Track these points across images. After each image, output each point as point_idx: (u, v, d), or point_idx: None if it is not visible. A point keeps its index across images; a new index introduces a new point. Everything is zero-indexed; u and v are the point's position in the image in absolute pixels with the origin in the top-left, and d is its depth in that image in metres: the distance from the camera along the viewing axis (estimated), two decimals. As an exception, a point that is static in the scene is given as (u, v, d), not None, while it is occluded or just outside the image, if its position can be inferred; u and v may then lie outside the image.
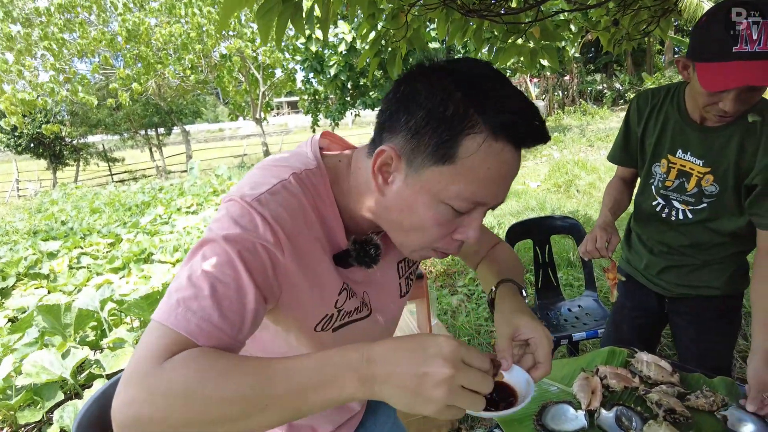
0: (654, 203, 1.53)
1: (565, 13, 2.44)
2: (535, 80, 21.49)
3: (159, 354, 0.57)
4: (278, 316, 0.77)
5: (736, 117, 1.27)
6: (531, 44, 2.47)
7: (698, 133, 1.38)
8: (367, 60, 2.37)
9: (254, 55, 15.61)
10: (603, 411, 1.19)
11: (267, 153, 18.37)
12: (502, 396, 0.73)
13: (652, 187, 1.53)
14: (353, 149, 0.83)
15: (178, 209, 8.08)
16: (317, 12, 1.52)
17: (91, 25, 14.75)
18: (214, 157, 22.17)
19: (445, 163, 0.65)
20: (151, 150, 23.68)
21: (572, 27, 2.65)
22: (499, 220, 5.67)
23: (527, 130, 0.65)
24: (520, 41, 2.45)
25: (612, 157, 1.66)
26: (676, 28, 18.84)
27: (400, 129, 0.67)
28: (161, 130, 23.80)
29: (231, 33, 15.01)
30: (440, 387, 0.53)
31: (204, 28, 14.16)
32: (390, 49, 2.36)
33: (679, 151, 1.42)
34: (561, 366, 1.41)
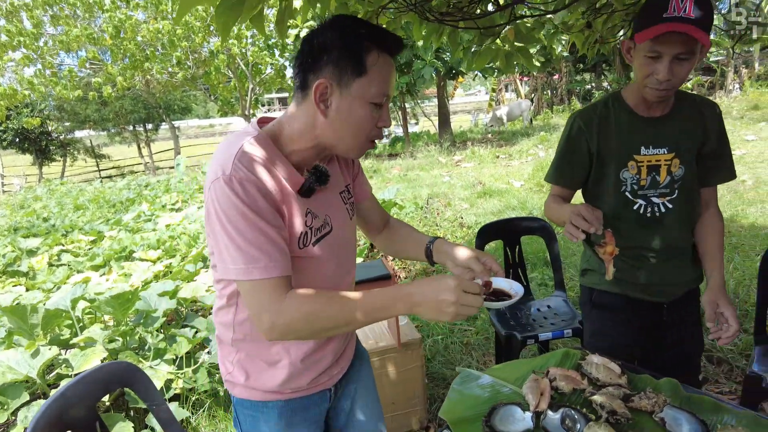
0: (635, 207, 1.54)
1: (538, 17, 2.45)
2: (525, 79, 21.56)
3: (271, 297, 0.96)
4: None
5: (670, 91, 1.37)
6: (506, 47, 2.49)
7: (653, 125, 1.48)
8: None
9: (242, 51, 15.51)
10: (550, 413, 1.21)
11: (256, 150, 18.22)
12: (499, 295, 1.17)
13: (627, 193, 1.53)
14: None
15: (163, 206, 8.03)
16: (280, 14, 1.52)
17: (78, 19, 14.59)
18: (204, 153, 22.03)
19: (362, 75, 0.97)
20: (139, 146, 23.48)
21: (543, 32, 2.67)
22: (478, 219, 5.71)
23: (395, 43, 1.01)
24: (497, 43, 2.47)
25: (555, 179, 1.63)
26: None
27: (324, 66, 0.97)
28: (149, 125, 23.62)
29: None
30: (450, 306, 0.93)
31: (190, 25, 14.04)
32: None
33: (642, 148, 1.49)
34: (515, 367, 1.43)
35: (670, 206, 1.52)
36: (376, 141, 1.09)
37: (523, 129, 15.60)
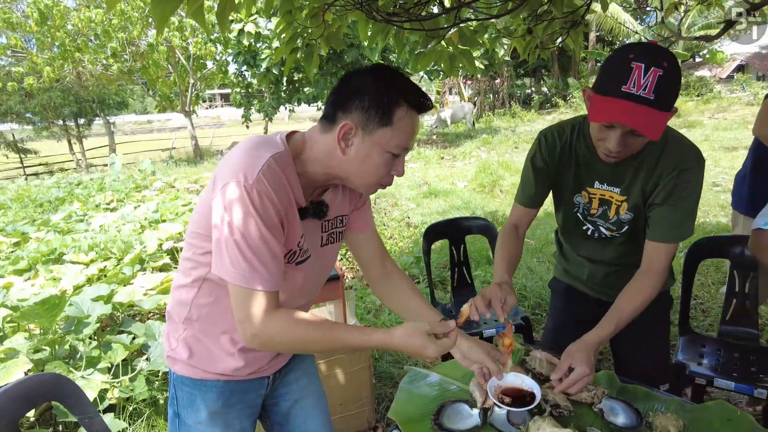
0: (584, 228, 1.57)
1: (482, 21, 2.51)
2: (469, 82, 22.08)
3: (262, 310, 1.00)
4: None
5: (621, 158, 1.31)
6: (450, 49, 2.53)
7: (610, 165, 1.40)
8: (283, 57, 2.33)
9: (184, 45, 14.94)
10: (496, 409, 1.23)
11: (197, 147, 17.66)
12: (520, 395, 1.19)
13: (578, 215, 1.56)
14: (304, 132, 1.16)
15: (97, 206, 7.58)
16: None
17: (-2, 3, 13.55)
18: (141, 150, 21.01)
19: (387, 126, 1.03)
20: (69, 142, 22.04)
21: (486, 36, 2.73)
22: (424, 219, 5.79)
23: (424, 103, 1.06)
24: (441, 44, 2.50)
25: (523, 201, 1.59)
26: (597, 38, 19.98)
27: (353, 108, 1.02)
28: (81, 120, 22.23)
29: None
30: (428, 355, 1.02)
31: (127, 15, 13.37)
32: (307, 46, 2.33)
33: (596, 182, 1.47)
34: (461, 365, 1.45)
35: (617, 236, 1.53)
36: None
37: (467, 131, 15.95)
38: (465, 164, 9.98)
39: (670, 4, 2.91)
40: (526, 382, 1.21)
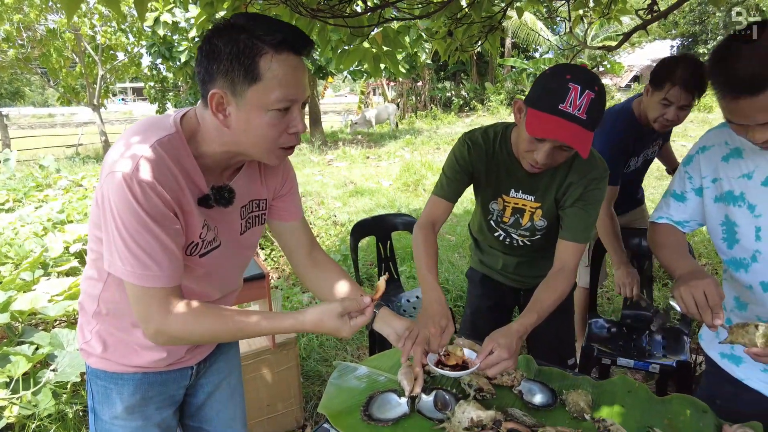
0: (496, 234, 1.68)
1: (406, 21, 2.56)
2: (392, 84, 22.38)
3: (161, 307, 0.97)
4: None
5: (544, 169, 1.39)
6: (374, 50, 2.56)
7: (527, 173, 1.47)
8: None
9: (91, 33, 13.87)
10: (423, 396, 1.28)
11: (106, 144, 16.47)
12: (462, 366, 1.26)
13: (492, 221, 1.65)
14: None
15: (-12, 206, 6.86)
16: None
17: None
18: (42, 146, 19.22)
19: (256, 82, 0.90)
20: (-48, 135, 19.69)
21: (409, 37, 2.80)
22: (351, 217, 5.82)
23: (295, 39, 0.92)
24: (365, 45, 2.53)
25: (446, 195, 1.56)
26: (513, 45, 21.03)
27: (215, 75, 0.91)
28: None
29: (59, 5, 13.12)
30: (343, 334, 1.04)
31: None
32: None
33: (512, 190, 1.55)
34: (389, 356, 1.49)
35: (528, 243, 1.65)
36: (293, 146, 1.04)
37: (391, 132, 16.18)
38: (389, 164, 10.12)
39: (576, 16, 3.14)
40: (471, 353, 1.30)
